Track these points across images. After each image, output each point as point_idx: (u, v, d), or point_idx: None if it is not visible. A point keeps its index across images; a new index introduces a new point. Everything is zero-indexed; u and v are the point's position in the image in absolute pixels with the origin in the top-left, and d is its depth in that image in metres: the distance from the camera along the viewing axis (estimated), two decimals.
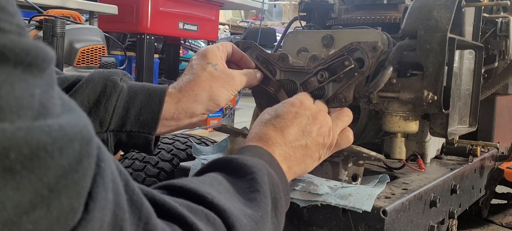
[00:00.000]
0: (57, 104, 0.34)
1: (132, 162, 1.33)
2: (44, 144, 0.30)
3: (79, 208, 0.33)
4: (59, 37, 1.79)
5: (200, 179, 0.61)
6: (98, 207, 0.34)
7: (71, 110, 0.35)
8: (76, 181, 0.33)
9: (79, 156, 0.33)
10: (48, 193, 0.31)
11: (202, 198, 0.54)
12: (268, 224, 0.62)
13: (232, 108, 4.57)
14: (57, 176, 0.31)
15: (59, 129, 0.31)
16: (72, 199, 0.32)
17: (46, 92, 0.33)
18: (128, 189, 0.41)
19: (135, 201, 0.41)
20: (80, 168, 0.33)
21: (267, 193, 0.64)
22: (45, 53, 0.33)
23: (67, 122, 0.33)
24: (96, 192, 0.35)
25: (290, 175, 0.80)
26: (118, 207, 0.37)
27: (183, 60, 5.29)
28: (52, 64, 0.34)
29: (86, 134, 0.34)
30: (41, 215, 0.30)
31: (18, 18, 0.32)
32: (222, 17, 9.48)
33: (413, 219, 0.96)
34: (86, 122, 0.35)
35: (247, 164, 0.65)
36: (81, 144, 0.33)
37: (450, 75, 1.01)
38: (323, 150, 0.87)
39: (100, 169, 0.36)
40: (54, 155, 0.31)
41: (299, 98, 0.89)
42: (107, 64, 2.13)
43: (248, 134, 0.84)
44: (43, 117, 0.31)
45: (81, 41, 2.08)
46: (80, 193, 0.33)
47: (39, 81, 0.32)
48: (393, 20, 1.28)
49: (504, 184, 1.81)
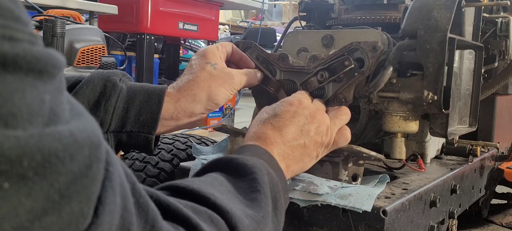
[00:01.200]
0: (66, 109, 0.34)
1: (132, 162, 1.33)
2: (56, 150, 0.31)
3: (89, 213, 0.34)
4: (59, 37, 1.79)
5: (202, 180, 0.61)
6: (107, 211, 0.35)
7: (79, 115, 0.35)
8: (86, 185, 0.33)
9: (88, 161, 0.33)
10: (59, 199, 0.31)
11: (205, 199, 0.54)
12: (269, 224, 0.62)
13: (232, 108, 4.57)
14: (68, 181, 0.32)
15: (69, 135, 0.32)
16: (82, 204, 0.33)
17: (56, 98, 0.33)
18: (135, 192, 0.41)
19: (142, 204, 0.41)
20: (90, 173, 0.34)
21: (268, 193, 0.64)
22: (56, 60, 0.34)
23: (77, 127, 0.33)
24: (105, 196, 0.35)
25: (288, 174, 0.81)
26: (126, 211, 0.38)
27: (183, 60, 5.29)
28: (62, 70, 0.35)
29: (95, 139, 0.35)
30: (52, 220, 0.31)
31: (30, 27, 0.33)
32: (222, 17, 9.48)
33: (413, 219, 0.96)
34: (94, 126, 0.35)
35: (247, 164, 0.65)
36: (90, 149, 0.34)
37: (450, 75, 1.01)
38: (321, 148, 0.87)
39: (108, 173, 0.36)
40: (65, 161, 0.31)
41: (297, 97, 0.89)
42: (107, 64, 2.13)
43: (247, 133, 0.85)
44: (54, 123, 0.32)
45: (81, 41, 2.08)
46: (90, 197, 0.34)
47: (49, 87, 0.33)
48: (393, 20, 1.28)
49: (504, 184, 1.81)
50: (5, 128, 0.29)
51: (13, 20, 0.31)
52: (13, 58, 0.30)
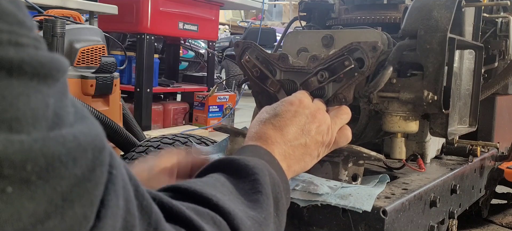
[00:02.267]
0: (70, 112, 0.34)
1: (133, 162, 1.33)
2: (59, 154, 0.31)
3: (91, 216, 0.34)
4: (59, 37, 1.78)
5: (203, 181, 0.61)
6: (110, 214, 0.35)
7: (83, 118, 0.35)
8: (89, 189, 0.33)
9: (92, 165, 0.33)
10: (62, 202, 0.31)
11: (207, 200, 0.54)
12: (270, 225, 0.62)
13: (232, 108, 4.57)
14: (71, 185, 0.32)
15: (73, 139, 0.32)
16: (85, 207, 0.33)
17: (59, 101, 0.33)
18: (138, 195, 0.41)
19: (145, 206, 0.42)
20: (93, 177, 0.34)
21: (269, 194, 0.64)
22: (60, 64, 0.34)
23: (81, 131, 0.33)
24: (108, 199, 0.35)
25: (290, 174, 0.81)
26: (128, 214, 0.38)
27: (183, 60, 5.30)
28: (66, 74, 0.35)
29: (99, 142, 0.35)
30: (55, 224, 0.31)
31: (34, 31, 0.33)
32: (222, 17, 9.49)
33: (413, 219, 0.96)
34: (98, 130, 0.35)
35: (248, 164, 0.65)
36: (94, 153, 0.34)
37: (450, 75, 1.01)
38: (322, 147, 0.87)
39: (111, 176, 0.36)
40: (68, 165, 0.31)
41: (298, 96, 0.89)
42: (107, 64, 2.13)
43: (247, 132, 0.84)
44: (58, 127, 0.32)
45: (81, 41, 2.08)
46: (93, 201, 0.34)
47: (53, 90, 0.33)
48: (393, 20, 1.28)
49: (504, 184, 1.81)
50: (9, 133, 0.29)
51: (18, 26, 0.31)
52: (19, 63, 0.30)
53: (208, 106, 4.33)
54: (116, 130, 1.82)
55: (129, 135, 1.89)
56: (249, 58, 1.13)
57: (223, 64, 7.55)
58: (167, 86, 4.23)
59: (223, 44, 7.98)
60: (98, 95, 2.11)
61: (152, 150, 1.35)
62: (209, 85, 4.56)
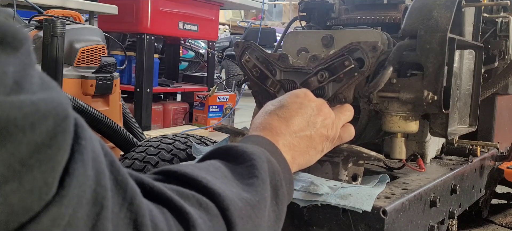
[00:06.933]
0: (35, 83, 0.34)
1: (132, 162, 1.32)
2: (15, 118, 0.31)
3: (53, 183, 0.34)
4: (59, 37, 1.78)
5: (196, 165, 0.61)
6: (75, 183, 0.35)
7: (49, 88, 0.35)
8: (50, 156, 0.33)
9: (53, 132, 0.33)
10: (20, 167, 0.31)
11: (197, 182, 0.54)
12: (265, 210, 0.61)
13: (232, 108, 4.57)
14: (30, 151, 0.32)
15: (30, 105, 0.32)
16: (45, 174, 0.33)
17: (22, 71, 0.33)
18: (113, 169, 0.41)
19: (120, 181, 0.41)
20: (54, 143, 0.33)
21: (266, 179, 0.63)
22: (18, 33, 0.33)
23: (41, 98, 0.33)
24: (74, 168, 0.35)
25: (294, 166, 0.80)
26: (99, 185, 0.38)
27: (183, 60, 5.30)
28: (27, 44, 0.34)
29: (61, 111, 0.34)
30: (12, 188, 0.31)
31: None
32: (222, 17, 9.49)
33: (413, 219, 0.96)
34: (62, 99, 0.35)
35: (246, 151, 0.65)
36: (55, 120, 0.33)
37: (450, 75, 1.01)
38: (326, 142, 0.87)
39: (79, 146, 0.36)
40: (26, 129, 0.31)
41: (303, 90, 0.89)
42: (107, 64, 2.13)
43: (252, 124, 0.84)
44: (16, 93, 0.32)
45: (81, 41, 2.08)
46: (55, 168, 0.34)
47: (13, 60, 0.33)
48: (393, 20, 1.28)
49: (504, 184, 1.81)
50: None
51: None
52: None
53: (208, 106, 4.34)
54: (116, 130, 1.82)
55: (129, 135, 1.89)
56: (249, 58, 1.13)
57: (223, 64, 7.55)
58: (167, 86, 4.23)
59: (223, 44, 7.99)
60: (98, 95, 2.11)
61: (152, 150, 1.35)
62: (209, 85, 4.56)
